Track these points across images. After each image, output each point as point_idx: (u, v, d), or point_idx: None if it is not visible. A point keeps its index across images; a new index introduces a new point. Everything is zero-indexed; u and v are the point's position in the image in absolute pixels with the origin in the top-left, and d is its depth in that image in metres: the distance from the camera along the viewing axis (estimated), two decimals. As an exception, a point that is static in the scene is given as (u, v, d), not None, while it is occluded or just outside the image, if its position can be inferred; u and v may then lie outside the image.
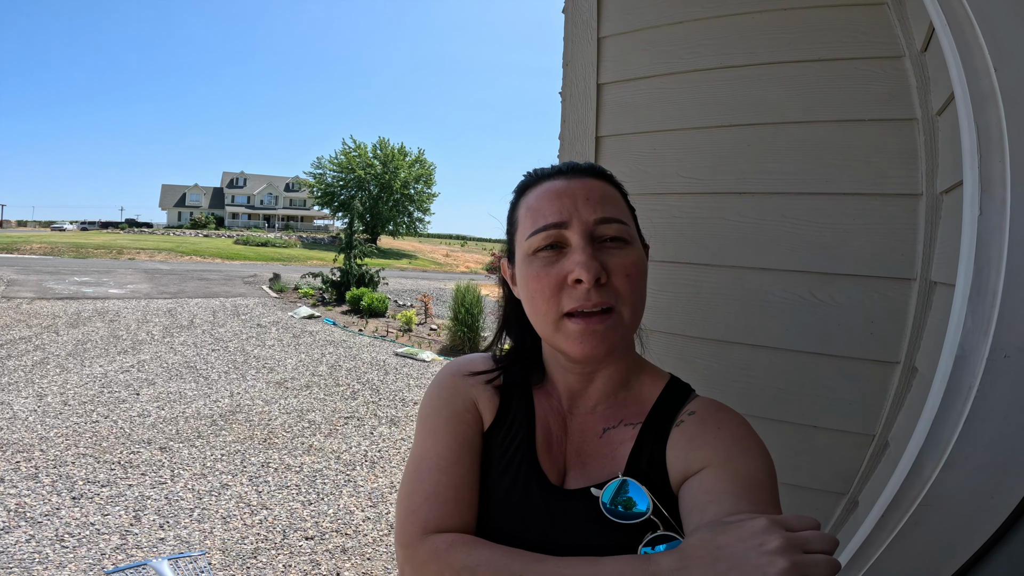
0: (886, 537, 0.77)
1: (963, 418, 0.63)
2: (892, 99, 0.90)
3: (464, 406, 0.64)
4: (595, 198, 0.57)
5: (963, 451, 0.64)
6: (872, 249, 0.92)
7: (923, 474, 0.69)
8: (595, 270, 0.53)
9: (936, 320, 0.85)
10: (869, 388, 0.96)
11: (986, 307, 0.60)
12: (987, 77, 0.56)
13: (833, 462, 1.02)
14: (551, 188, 0.59)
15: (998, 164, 0.57)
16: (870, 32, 0.92)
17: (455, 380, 0.66)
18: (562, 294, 0.55)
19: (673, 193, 1.11)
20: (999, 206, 0.58)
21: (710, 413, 0.57)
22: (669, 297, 1.12)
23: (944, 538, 0.71)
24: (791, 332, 0.99)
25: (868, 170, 0.92)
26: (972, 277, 0.61)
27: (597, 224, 0.56)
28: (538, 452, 0.61)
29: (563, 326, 0.56)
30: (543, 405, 0.65)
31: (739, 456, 0.52)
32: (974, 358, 0.62)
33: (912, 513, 0.71)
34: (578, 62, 1.26)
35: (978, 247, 0.60)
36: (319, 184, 39.92)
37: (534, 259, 0.58)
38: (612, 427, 0.61)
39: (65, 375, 5.61)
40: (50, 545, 2.67)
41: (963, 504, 0.67)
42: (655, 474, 0.56)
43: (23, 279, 12.94)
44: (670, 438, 0.57)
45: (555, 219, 0.56)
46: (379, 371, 6.70)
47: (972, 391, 0.62)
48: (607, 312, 0.55)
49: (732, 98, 1.03)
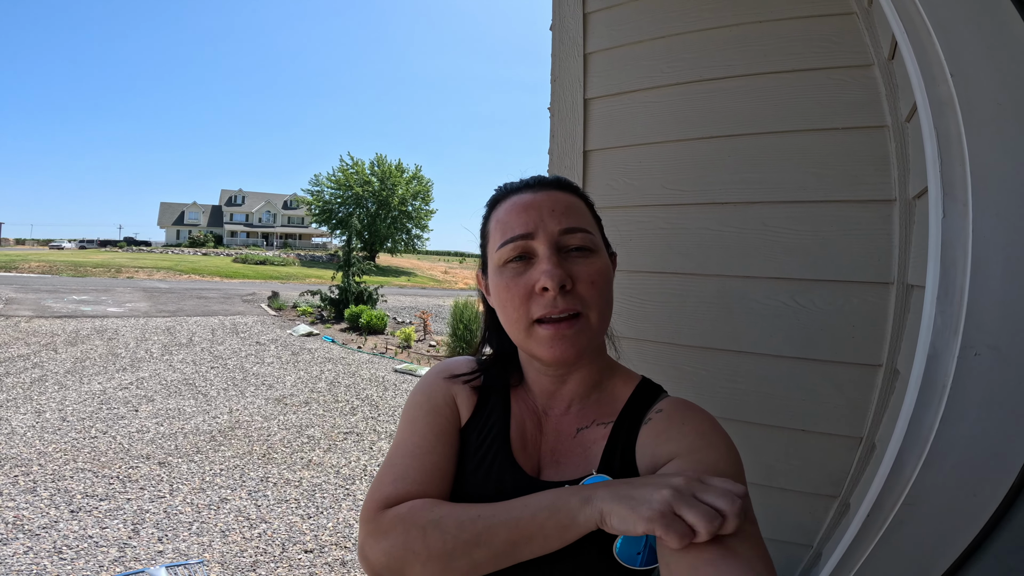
0: (873, 537, 0.77)
1: (939, 417, 0.65)
2: (863, 107, 0.93)
3: (443, 401, 0.67)
4: (560, 209, 0.60)
5: (941, 450, 0.66)
6: (851, 254, 0.94)
7: (904, 474, 0.70)
8: (559, 277, 0.56)
9: (914, 323, 0.87)
10: (854, 391, 0.97)
11: (954, 306, 0.62)
12: (944, 83, 0.59)
13: (823, 465, 1.03)
14: (518, 201, 0.62)
15: (959, 168, 0.59)
16: (841, 42, 0.95)
17: (437, 379, 0.70)
18: (531, 302, 0.58)
19: (659, 205, 1.14)
20: (961, 208, 0.60)
21: (677, 410, 0.60)
22: (657, 306, 1.14)
23: (930, 537, 0.71)
24: (775, 338, 1.01)
25: (844, 177, 0.95)
26: (939, 278, 0.63)
27: (562, 234, 0.59)
28: (513, 447, 0.63)
29: (534, 332, 0.58)
30: (519, 405, 0.68)
31: (703, 448, 0.54)
32: (945, 357, 0.64)
33: (896, 513, 0.72)
34: (565, 78, 1.30)
35: (943, 248, 0.62)
36: (317, 201, 40.17)
37: (504, 269, 0.61)
38: (585, 427, 0.63)
39: (64, 392, 5.59)
40: (48, 557, 2.66)
41: (946, 503, 0.68)
42: (626, 470, 0.58)
43: (21, 297, 12.94)
44: (640, 435, 0.59)
45: (522, 230, 0.59)
46: (378, 387, 6.68)
47: (946, 389, 0.63)
48: (575, 317, 0.57)
49: (712, 110, 1.07)
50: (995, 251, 0.57)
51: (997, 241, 0.57)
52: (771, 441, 1.04)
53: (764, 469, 1.06)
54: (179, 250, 45.75)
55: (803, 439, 1.02)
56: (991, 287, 0.58)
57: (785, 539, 1.09)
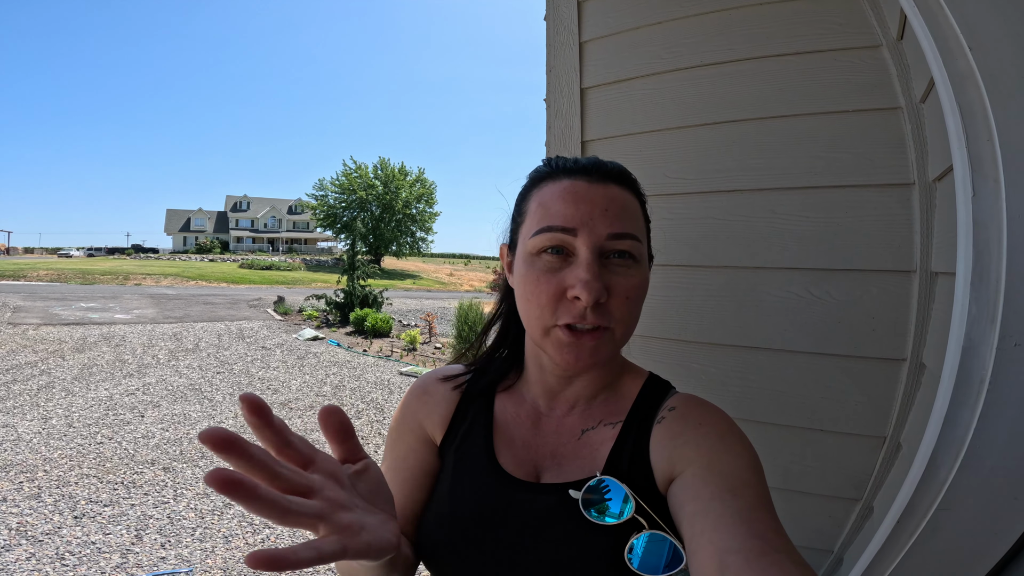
0: (903, 545, 0.72)
1: (976, 414, 0.59)
2: (874, 88, 0.88)
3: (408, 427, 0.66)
4: (614, 210, 0.53)
5: (979, 450, 0.60)
6: (868, 242, 0.89)
7: (938, 476, 0.65)
8: (597, 292, 0.50)
9: (941, 313, 0.81)
10: (876, 387, 0.92)
11: (990, 293, 0.57)
12: (963, 57, 0.54)
13: (843, 467, 0.97)
14: (570, 188, 0.54)
15: (987, 144, 0.54)
16: (846, 23, 0.91)
17: (410, 400, 0.68)
18: (559, 305, 0.52)
19: (661, 195, 1.09)
20: (993, 186, 0.55)
21: (691, 408, 0.55)
22: (662, 301, 1.09)
23: (966, 544, 0.66)
24: (789, 332, 0.95)
25: (856, 161, 0.89)
26: (972, 263, 0.58)
27: (610, 239, 0.52)
28: (498, 455, 0.59)
29: (553, 333, 0.53)
30: (511, 407, 0.63)
31: (722, 455, 0.49)
32: (982, 348, 0.58)
33: (930, 519, 0.67)
34: (561, 67, 1.26)
35: (975, 230, 0.57)
36: (321, 206, 40.33)
37: (536, 260, 0.54)
38: (591, 428, 0.58)
39: (70, 398, 5.61)
40: (50, 563, 2.65)
41: (984, 507, 0.63)
42: (638, 473, 0.53)
43: (30, 305, 13.06)
44: (652, 436, 0.55)
45: (565, 223, 0.52)
46: (383, 390, 6.65)
47: (984, 384, 0.58)
48: (600, 330, 0.52)
49: (714, 95, 1.02)
50: (1035, 230, 0.52)
51: (1036, 219, 0.52)
52: (787, 442, 0.99)
53: (780, 471, 1.01)
54: (186, 256, 46.11)
55: (821, 439, 0.97)
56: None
57: (803, 544, 1.03)
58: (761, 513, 0.44)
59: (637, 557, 0.48)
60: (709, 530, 0.43)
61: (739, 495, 0.45)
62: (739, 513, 0.43)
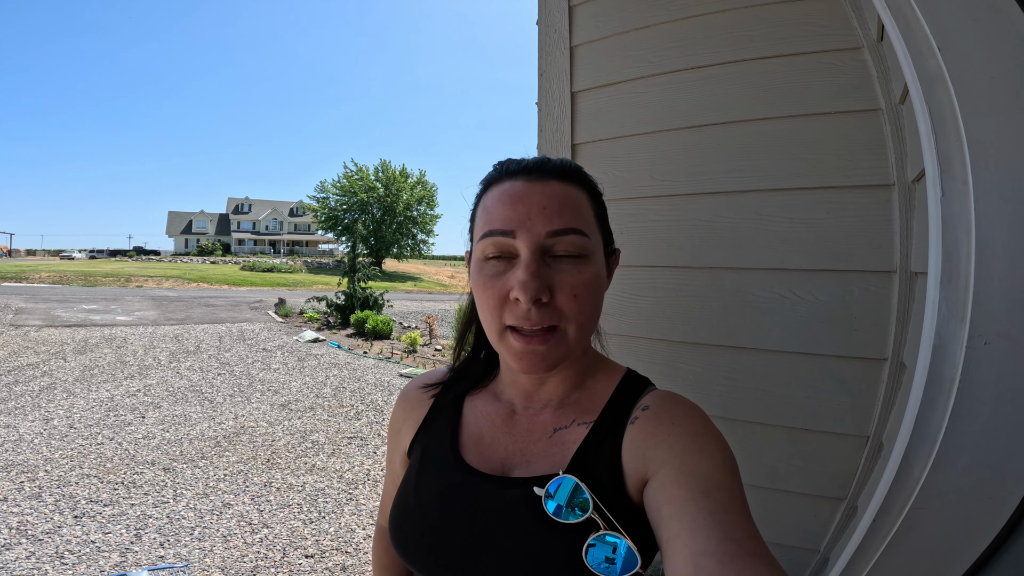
0: (881, 542, 0.73)
1: (948, 413, 0.60)
2: (855, 90, 0.89)
3: (395, 427, 0.72)
4: (553, 207, 0.52)
5: (951, 448, 0.61)
6: (849, 243, 0.90)
7: (912, 475, 0.66)
8: (534, 290, 0.50)
9: (919, 313, 0.82)
10: (858, 387, 0.93)
11: (959, 292, 0.58)
12: (932, 57, 0.55)
13: (828, 466, 0.98)
14: (509, 190, 0.54)
15: (955, 144, 0.55)
16: (828, 25, 0.92)
17: (397, 405, 0.73)
18: (505, 308, 0.53)
19: (648, 197, 1.10)
20: (961, 187, 0.56)
21: (664, 407, 0.54)
22: (650, 302, 1.10)
23: (942, 543, 0.67)
24: (773, 332, 0.96)
25: (838, 162, 0.90)
26: (942, 262, 0.59)
27: (549, 236, 0.52)
28: (464, 451, 0.61)
29: (506, 339, 0.54)
30: (478, 408, 0.65)
31: (695, 455, 0.48)
32: (952, 347, 0.59)
33: (905, 517, 0.68)
34: (552, 72, 1.27)
35: (944, 230, 0.58)
36: (323, 208, 40.39)
37: (484, 266, 0.55)
38: (564, 427, 0.58)
39: (72, 399, 5.63)
40: (50, 562, 2.67)
41: (958, 505, 0.64)
42: (604, 473, 0.53)
43: (32, 307, 13.11)
44: (625, 436, 0.54)
45: (504, 226, 0.53)
46: (383, 392, 6.66)
47: (954, 383, 0.59)
48: (550, 330, 0.52)
49: (700, 98, 1.03)
50: (1000, 231, 0.53)
51: (1002, 220, 0.53)
52: (772, 441, 1.00)
53: (766, 471, 1.02)
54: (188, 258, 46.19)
55: (806, 438, 0.98)
56: (998, 270, 0.54)
57: (790, 544, 1.04)
58: (734, 515, 0.44)
59: (592, 557, 0.48)
60: (684, 533, 0.43)
61: (712, 497, 0.45)
62: (712, 515, 0.43)
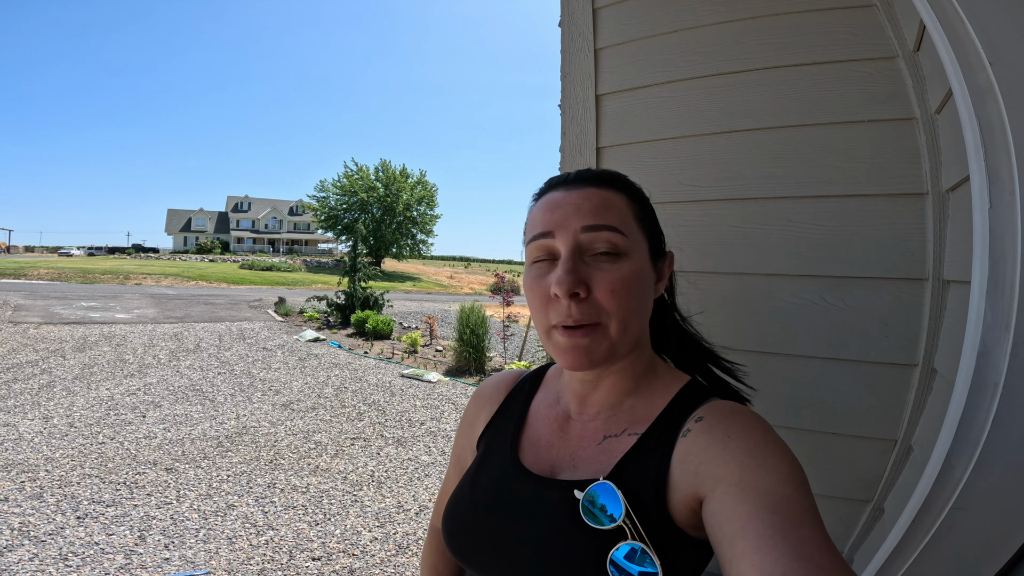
0: (918, 543, 0.74)
1: (991, 417, 0.61)
2: (889, 99, 0.90)
3: (467, 425, 0.75)
4: (587, 207, 0.56)
5: (993, 451, 0.62)
6: (881, 250, 0.91)
7: (953, 477, 0.67)
8: (568, 285, 0.52)
9: (952, 320, 0.83)
10: (887, 392, 0.94)
11: (1004, 301, 0.59)
12: (983, 71, 0.56)
13: (854, 469, 0.99)
14: (549, 199, 0.59)
15: (1004, 156, 0.56)
16: (861, 34, 0.93)
17: (470, 401, 0.76)
18: (549, 307, 0.56)
19: (676, 202, 1.11)
20: (1009, 198, 0.57)
21: (719, 419, 0.52)
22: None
23: (978, 543, 0.68)
24: (803, 338, 0.97)
25: (871, 171, 0.91)
26: (988, 271, 0.60)
27: (584, 231, 0.55)
28: (521, 450, 0.64)
29: (552, 336, 0.56)
30: (540, 410, 0.67)
31: (755, 470, 0.45)
32: (997, 354, 0.60)
33: (945, 517, 0.69)
34: (576, 74, 1.28)
35: (991, 240, 0.59)
36: (322, 207, 40.37)
37: (532, 268, 0.59)
38: (615, 435, 0.58)
39: (71, 398, 5.61)
40: (53, 564, 2.65)
41: (998, 505, 0.65)
42: (648, 485, 0.52)
43: (30, 304, 13.05)
44: (676, 450, 0.52)
45: (543, 228, 0.57)
46: (385, 392, 6.66)
47: (998, 388, 0.60)
48: (592, 326, 0.54)
49: (730, 104, 1.04)
50: (1048, 241, 0.54)
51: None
52: (797, 444, 0.99)
53: (790, 474, 1.02)
54: (186, 256, 46.07)
55: (832, 442, 0.98)
56: (1045, 279, 0.55)
57: (813, 547, 1.05)
58: (805, 531, 0.40)
59: (614, 566, 0.48)
60: (750, 552, 0.40)
61: (778, 512, 0.42)
62: (780, 531, 0.40)
